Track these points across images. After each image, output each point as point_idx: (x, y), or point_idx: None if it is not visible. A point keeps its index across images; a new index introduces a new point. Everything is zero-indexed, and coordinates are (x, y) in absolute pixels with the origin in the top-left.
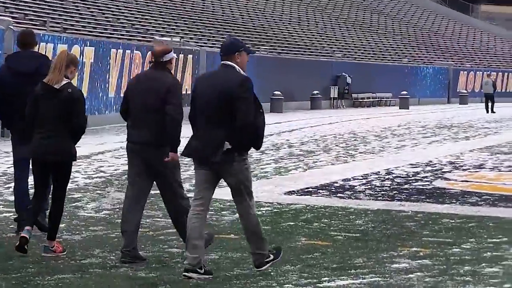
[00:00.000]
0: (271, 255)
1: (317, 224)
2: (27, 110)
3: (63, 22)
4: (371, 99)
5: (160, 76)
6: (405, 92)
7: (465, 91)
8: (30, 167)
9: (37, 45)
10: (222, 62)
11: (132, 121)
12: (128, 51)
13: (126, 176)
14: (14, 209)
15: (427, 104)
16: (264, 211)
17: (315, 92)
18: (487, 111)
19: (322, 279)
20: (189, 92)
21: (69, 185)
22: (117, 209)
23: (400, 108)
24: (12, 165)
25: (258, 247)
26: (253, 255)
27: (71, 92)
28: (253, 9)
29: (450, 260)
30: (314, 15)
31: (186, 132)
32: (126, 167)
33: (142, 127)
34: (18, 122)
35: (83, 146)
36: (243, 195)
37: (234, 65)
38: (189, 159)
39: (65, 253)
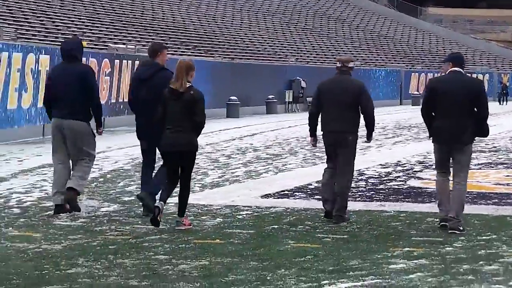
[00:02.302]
0: None
1: (302, 226)
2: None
3: (15, 30)
4: None
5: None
6: None
7: (417, 93)
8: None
9: None
10: None
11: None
12: (83, 59)
13: (95, 183)
14: None
15: (381, 106)
16: (244, 215)
17: (270, 96)
18: None
19: (322, 282)
20: None
21: (40, 194)
22: (93, 217)
23: None
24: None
25: None
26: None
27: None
28: (204, 16)
29: (447, 259)
30: (265, 20)
31: None
32: (94, 175)
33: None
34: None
35: (44, 155)
36: None
37: None
38: None
39: (191, 226)
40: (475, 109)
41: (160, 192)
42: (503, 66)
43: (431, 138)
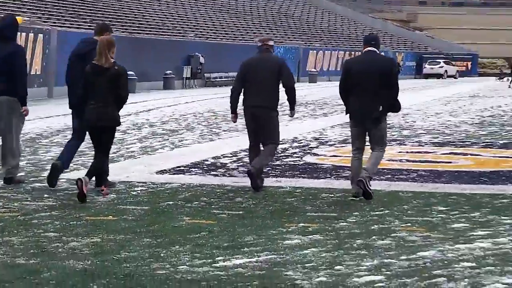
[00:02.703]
0: None
1: (197, 202)
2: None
3: None
4: (223, 79)
5: None
6: None
7: (314, 70)
8: None
9: None
10: None
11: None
12: None
13: None
14: None
15: None
16: (139, 191)
17: (168, 72)
18: None
19: (216, 258)
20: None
21: None
22: None
23: None
24: None
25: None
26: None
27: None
28: None
29: (341, 234)
30: None
31: None
32: None
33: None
34: None
35: None
36: None
37: None
38: None
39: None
40: (386, 88)
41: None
42: (398, 45)
43: (347, 114)
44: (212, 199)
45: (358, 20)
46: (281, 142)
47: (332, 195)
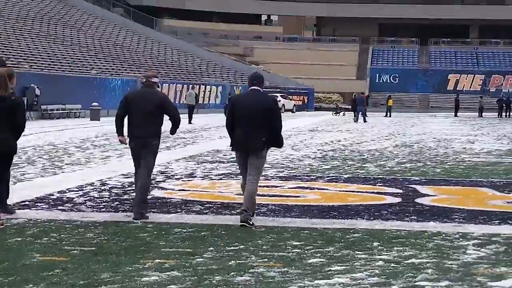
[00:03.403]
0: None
1: (46, 238)
2: None
3: None
4: (60, 111)
5: None
6: (96, 104)
7: None
8: None
9: None
10: None
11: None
12: None
13: None
14: None
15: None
16: None
17: None
18: (190, 122)
19: None
20: None
21: None
22: None
23: (91, 120)
24: None
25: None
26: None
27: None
28: None
29: (199, 271)
30: None
31: None
32: None
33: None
34: None
35: None
36: None
37: None
38: None
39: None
40: (269, 122)
41: None
42: (235, 78)
43: (231, 147)
44: (62, 235)
45: (195, 53)
46: (127, 176)
47: (185, 230)
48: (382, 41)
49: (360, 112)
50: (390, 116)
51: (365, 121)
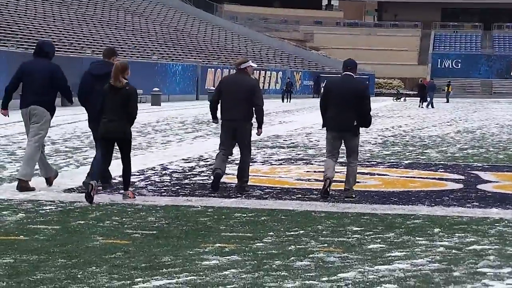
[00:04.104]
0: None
1: (109, 222)
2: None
3: None
4: None
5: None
6: (157, 89)
7: (213, 88)
8: None
9: None
10: None
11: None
12: None
13: None
14: None
15: (177, 100)
16: (48, 210)
17: None
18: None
19: (135, 280)
20: None
21: None
22: None
23: (152, 105)
24: None
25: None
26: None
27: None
28: None
29: (259, 255)
30: (60, 11)
31: None
32: None
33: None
34: None
35: None
36: None
37: None
38: None
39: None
40: (359, 104)
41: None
42: (295, 64)
43: (323, 127)
44: (124, 218)
45: (255, 38)
46: (187, 161)
47: (245, 215)
48: (444, 25)
49: (429, 98)
50: (448, 102)
51: (433, 106)
